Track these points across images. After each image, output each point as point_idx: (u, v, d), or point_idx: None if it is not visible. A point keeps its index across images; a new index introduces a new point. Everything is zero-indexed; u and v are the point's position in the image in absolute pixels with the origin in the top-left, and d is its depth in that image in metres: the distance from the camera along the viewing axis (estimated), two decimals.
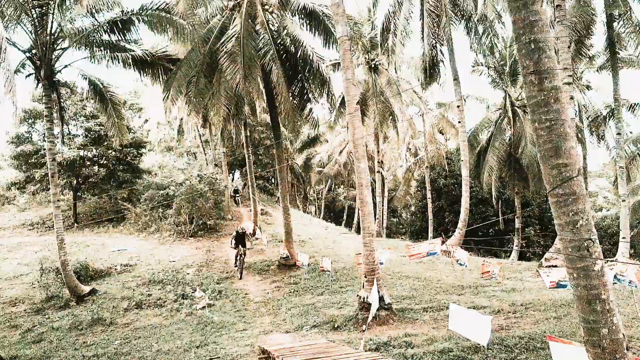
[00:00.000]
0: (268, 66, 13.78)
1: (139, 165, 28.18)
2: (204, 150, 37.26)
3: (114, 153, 25.84)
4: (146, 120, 42.26)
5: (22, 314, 14.20)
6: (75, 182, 25.89)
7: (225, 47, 13.25)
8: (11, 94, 10.11)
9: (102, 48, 16.60)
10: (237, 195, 31.07)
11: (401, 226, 48.00)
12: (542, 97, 3.68)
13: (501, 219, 29.25)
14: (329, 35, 14.66)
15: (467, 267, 12.14)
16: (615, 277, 8.19)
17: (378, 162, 28.20)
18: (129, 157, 26.88)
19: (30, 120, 26.28)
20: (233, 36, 13.42)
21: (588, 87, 26.84)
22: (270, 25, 15.10)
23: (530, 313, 8.93)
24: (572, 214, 3.68)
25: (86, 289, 15.08)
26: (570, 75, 13.38)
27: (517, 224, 24.36)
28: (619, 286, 9.05)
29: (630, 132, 26.32)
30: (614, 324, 3.62)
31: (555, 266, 11.99)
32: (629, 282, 7.95)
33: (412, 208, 44.05)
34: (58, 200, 15.28)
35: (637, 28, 16.54)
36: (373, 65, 23.87)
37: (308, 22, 14.79)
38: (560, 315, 8.45)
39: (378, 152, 27.98)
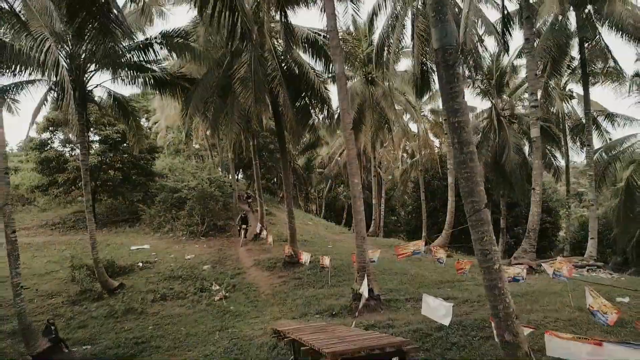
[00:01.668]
0: (275, 89, 15.79)
1: (152, 169, 30.23)
2: (211, 153, 39.28)
3: (128, 157, 27.91)
4: (155, 123, 44.38)
5: (60, 305, 16.25)
6: (93, 185, 27.90)
7: (239, 72, 15.21)
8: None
9: (126, 70, 18.67)
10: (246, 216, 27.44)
11: (399, 224, 49.98)
12: (462, 158, 5.70)
13: (493, 218, 31.34)
14: (328, 60, 16.66)
15: (444, 264, 14.17)
16: (554, 272, 10.26)
17: (374, 167, 30.18)
18: (142, 162, 28.91)
19: (51, 128, 28.32)
20: (244, 63, 15.38)
21: (571, 97, 28.78)
22: (277, 51, 17.10)
23: None
24: (480, 233, 5.70)
25: (115, 283, 17.15)
26: (536, 100, 15.38)
27: (502, 224, 26.37)
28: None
29: (610, 139, 28.23)
30: (506, 302, 5.65)
31: (521, 264, 14.05)
32: (564, 277, 10.00)
33: (409, 208, 46.11)
34: (91, 206, 17.37)
35: (604, 50, 18.51)
36: (370, 78, 25.86)
37: (310, 49, 16.80)
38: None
39: (374, 157, 29.96)
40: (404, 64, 30.81)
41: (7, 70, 13.84)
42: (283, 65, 16.99)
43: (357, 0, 14.31)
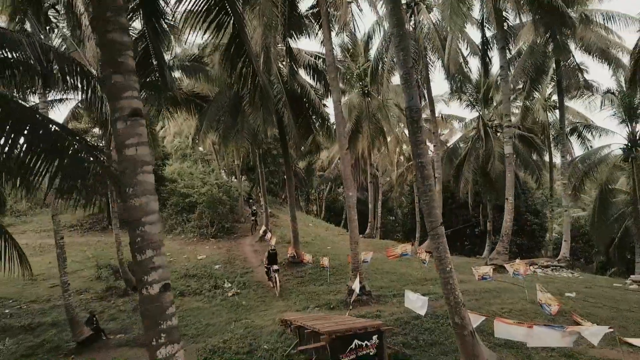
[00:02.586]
0: (281, 110, 17.84)
1: (163, 174, 32.31)
2: (217, 158, 41.33)
3: None
4: (162, 128, 46.36)
5: (89, 300, 18.36)
6: None
7: (248, 96, 17.23)
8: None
9: (146, 90, 20.74)
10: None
11: (397, 225, 52.09)
12: (424, 189, 7.77)
13: (483, 220, 33.41)
14: (328, 84, 18.71)
15: (426, 265, 16.26)
16: (513, 272, 12.35)
17: (371, 174, 32.25)
18: (153, 167, 31.00)
19: None
20: (253, 89, 17.40)
21: (555, 107, 30.81)
22: (282, 74, 19.14)
23: (464, 297, 13.01)
24: (437, 243, 7.78)
25: None
26: (510, 120, 17.45)
27: (489, 226, 28.40)
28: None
29: (591, 146, 30.27)
30: (456, 294, 7.72)
31: (495, 264, 16.13)
32: (520, 276, 12.08)
33: (405, 210, 48.23)
34: (116, 211, 19.45)
35: (575, 70, 20.60)
36: (366, 91, 27.93)
37: (312, 73, 18.86)
38: (479, 297, 12.62)
39: (371, 164, 32.04)
40: (398, 77, 32.76)
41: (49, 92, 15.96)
42: (287, 87, 19.01)
43: (352, 34, 16.25)
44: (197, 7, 7.25)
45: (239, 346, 11.48)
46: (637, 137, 22.67)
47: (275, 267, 16.82)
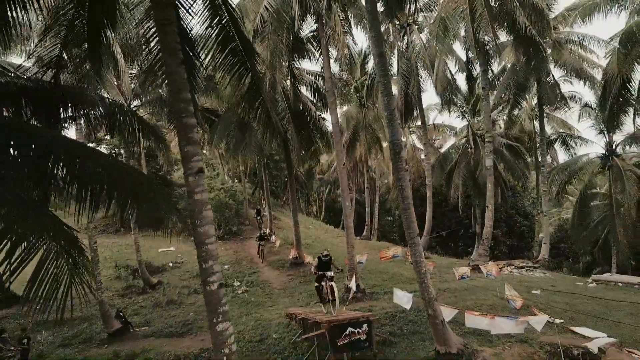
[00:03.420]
0: (285, 126, 19.75)
1: (172, 179, 34.29)
2: (221, 163, 43.25)
3: (151, 169, 31.91)
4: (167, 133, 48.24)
5: (111, 297, 20.23)
6: None
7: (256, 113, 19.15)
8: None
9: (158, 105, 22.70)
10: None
11: (394, 225, 54.02)
12: (404, 207, 9.71)
13: (474, 222, 35.28)
14: (326, 100, 20.63)
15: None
16: (487, 273, 14.31)
17: (367, 179, 34.22)
18: (161, 172, 33.04)
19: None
20: (260, 107, 19.32)
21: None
22: (286, 93, 21.04)
23: (445, 294, 15.03)
24: (414, 250, 9.70)
25: (154, 280, 21.19)
26: (491, 135, 19.40)
27: (477, 229, 30.34)
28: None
29: (575, 153, 32.21)
30: (429, 291, 9.65)
31: (477, 265, 18.05)
32: (493, 276, 14.03)
33: None
34: (136, 217, 21.36)
35: (553, 87, 22.57)
36: (363, 103, 29.83)
37: (313, 91, 20.79)
38: (457, 294, 14.58)
39: (367, 171, 34.00)
40: (393, 90, 34.73)
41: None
42: (290, 104, 20.92)
43: (350, 58, 18.16)
44: (224, 64, 9.19)
45: (252, 336, 13.44)
46: (614, 147, 24.66)
47: (329, 273, 11.98)
